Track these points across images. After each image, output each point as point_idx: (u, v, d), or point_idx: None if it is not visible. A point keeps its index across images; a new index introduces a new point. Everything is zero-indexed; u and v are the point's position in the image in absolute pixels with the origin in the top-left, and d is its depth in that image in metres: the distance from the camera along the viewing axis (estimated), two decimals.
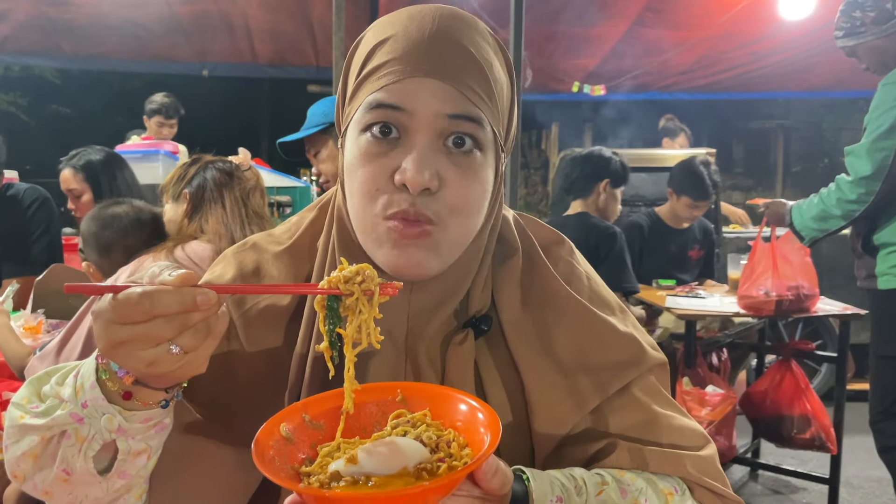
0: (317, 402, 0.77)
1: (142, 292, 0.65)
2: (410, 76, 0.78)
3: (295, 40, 5.89)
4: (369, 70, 0.82)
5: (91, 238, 2.19)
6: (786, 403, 3.23)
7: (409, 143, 0.80)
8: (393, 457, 0.68)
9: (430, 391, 0.78)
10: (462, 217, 0.82)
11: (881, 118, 2.59)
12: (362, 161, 0.81)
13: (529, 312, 0.90)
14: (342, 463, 0.68)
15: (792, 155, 10.34)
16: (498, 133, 0.84)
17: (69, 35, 5.57)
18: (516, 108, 0.91)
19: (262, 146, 10.34)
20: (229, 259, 0.97)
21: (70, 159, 2.98)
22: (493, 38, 0.87)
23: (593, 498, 0.80)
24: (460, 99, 0.79)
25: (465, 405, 0.75)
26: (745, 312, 3.21)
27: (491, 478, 0.69)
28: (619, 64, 6.01)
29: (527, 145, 9.59)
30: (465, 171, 0.81)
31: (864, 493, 3.60)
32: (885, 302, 2.70)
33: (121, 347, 0.66)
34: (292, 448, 0.73)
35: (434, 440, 0.72)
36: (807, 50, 5.70)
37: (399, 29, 0.81)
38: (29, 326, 2.40)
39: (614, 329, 0.91)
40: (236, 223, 2.10)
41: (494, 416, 0.71)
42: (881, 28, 2.70)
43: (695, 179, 3.77)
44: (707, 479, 0.88)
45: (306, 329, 0.87)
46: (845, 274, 3.43)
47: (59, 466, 0.76)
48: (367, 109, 0.80)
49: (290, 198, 3.53)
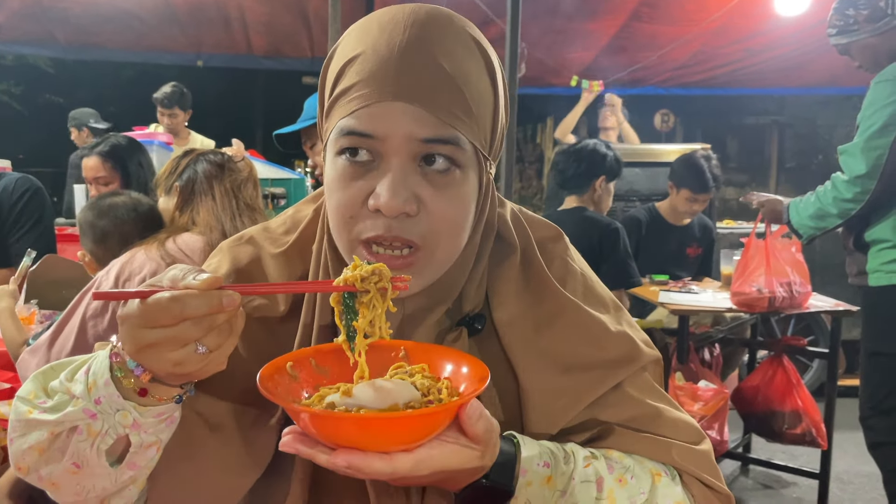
0: (325, 352, 0.82)
1: (171, 297, 0.66)
2: (378, 101, 0.76)
3: (290, 32, 5.88)
4: (340, 91, 0.80)
5: (87, 227, 2.19)
6: (777, 399, 3.25)
7: (384, 167, 0.79)
8: (385, 394, 0.72)
9: (429, 349, 0.82)
10: (447, 237, 0.82)
11: (874, 116, 2.58)
12: (338, 184, 0.81)
13: (523, 311, 0.90)
14: (338, 396, 0.73)
15: (786, 151, 10.36)
16: (479, 146, 0.82)
17: (64, 24, 5.55)
18: (502, 111, 0.88)
19: (256, 137, 10.32)
20: (225, 252, 0.97)
21: (95, 147, 2.96)
22: (473, 40, 0.83)
23: (580, 469, 0.82)
24: (433, 121, 0.77)
25: (457, 361, 0.80)
26: (737, 308, 3.22)
27: (475, 421, 0.71)
28: (615, 58, 6.02)
29: (522, 139, 9.58)
30: (445, 191, 0.80)
31: (853, 489, 3.63)
32: (876, 299, 2.72)
33: (149, 350, 0.68)
34: (295, 385, 0.78)
35: (426, 386, 0.76)
36: (801, 46, 5.70)
37: (368, 44, 0.79)
38: (22, 317, 2.40)
39: (608, 328, 0.92)
40: (226, 215, 2.10)
41: (484, 369, 0.75)
42: (874, 26, 2.70)
43: (695, 172, 3.77)
44: (694, 468, 0.89)
45: (305, 330, 0.88)
46: (837, 271, 3.44)
47: (69, 460, 0.78)
48: (340, 135, 0.79)
49: (285, 189, 3.54)
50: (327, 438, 0.69)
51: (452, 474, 0.74)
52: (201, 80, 7.33)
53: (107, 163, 2.92)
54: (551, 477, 0.80)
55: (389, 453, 0.68)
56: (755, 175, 10.23)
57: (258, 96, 10.96)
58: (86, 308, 1.88)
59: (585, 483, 0.82)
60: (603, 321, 0.92)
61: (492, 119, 0.84)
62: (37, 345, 1.91)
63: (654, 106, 7.01)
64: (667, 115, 7.83)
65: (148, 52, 6.27)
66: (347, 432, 0.68)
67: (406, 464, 0.69)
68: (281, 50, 6.26)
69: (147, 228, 2.19)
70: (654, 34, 5.72)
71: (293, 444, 0.70)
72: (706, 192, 3.78)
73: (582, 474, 0.82)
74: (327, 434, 0.69)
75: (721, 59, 6.30)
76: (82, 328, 1.86)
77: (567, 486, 0.81)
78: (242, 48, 6.16)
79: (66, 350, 1.85)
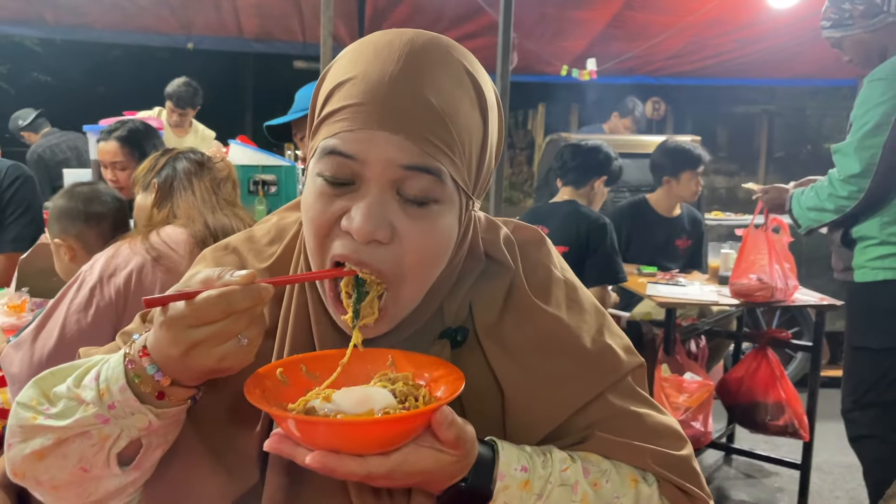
0: (315, 358, 0.85)
1: (219, 293, 0.71)
2: (363, 127, 0.77)
3: (281, 15, 5.83)
4: (327, 112, 0.80)
5: (75, 211, 2.20)
6: (761, 391, 3.29)
7: (362, 191, 0.79)
8: (363, 400, 0.76)
9: (414, 358, 0.85)
10: (419, 271, 0.82)
11: (867, 115, 2.58)
12: (315, 202, 0.81)
13: (506, 324, 0.91)
14: (318, 401, 0.77)
15: (775, 141, 10.39)
16: (461, 182, 0.82)
17: (52, 5, 5.49)
18: (493, 148, 0.87)
19: (246, 121, 10.26)
20: (209, 261, 0.99)
21: (112, 132, 2.96)
22: (468, 74, 0.82)
23: (558, 473, 0.84)
24: (416, 151, 0.77)
25: (438, 369, 0.84)
26: (723, 302, 3.26)
27: (446, 428, 0.74)
28: (607, 47, 6.01)
29: (513, 126, 9.58)
30: (420, 222, 0.80)
31: (833, 479, 3.69)
32: (861, 295, 2.74)
33: (197, 348, 0.73)
34: (284, 390, 0.81)
35: (405, 394, 0.79)
36: (792, 38, 5.72)
37: (361, 69, 0.79)
38: (13, 305, 2.40)
39: (588, 341, 0.93)
40: (207, 208, 2.10)
41: (459, 375, 0.80)
42: (869, 22, 2.70)
43: (681, 152, 3.89)
44: (668, 474, 0.91)
45: (280, 344, 0.91)
46: (822, 264, 3.48)
47: (76, 464, 0.80)
48: (323, 154, 0.80)
49: (276, 176, 3.51)
50: (307, 441, 0.73)
51: (431, 476, 0.77)
52: (191, 63, 7.26)
53: (124, 147, 2.94)
54: (528, 481, 0.82)
55: (363, 455, 0.72)
56: (744, 164, 10.27)
57: (248, 80, 10.87)
58: (70, 302, 1.87)
59: (562, 487, 0.84)
60: (583, 333, 0.93)
61: (478, 155, 0.84)
62: (21, 339, 1.89)
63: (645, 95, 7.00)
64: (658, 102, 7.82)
65: (137, 34, 6.21)
66: (323, 435, 0.72)
67: (381, 466, 0.73)
68: (272, 33, 6.21)
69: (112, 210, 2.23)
70: (647, 23, 5.72)
71: (276, 445, 0.74)
72: (702, 163, 3.86)
73: (559, 478, 0.84)
74: (306, 437, 0.72)
75: (712, 50, 6.31)
76: (66, 322, 1.84)
77: (543, 490, 0.83)
78: (233, 31, 6.12)
79: (50, 344, 1.83)
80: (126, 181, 2.93)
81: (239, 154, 3.31)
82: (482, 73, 0.85)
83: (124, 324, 1.89)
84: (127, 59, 9.96)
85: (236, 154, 3.22)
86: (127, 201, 2.36)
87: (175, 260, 1.94)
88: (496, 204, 3.05)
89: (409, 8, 5.70)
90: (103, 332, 1.87)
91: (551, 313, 0.93)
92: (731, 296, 3.27)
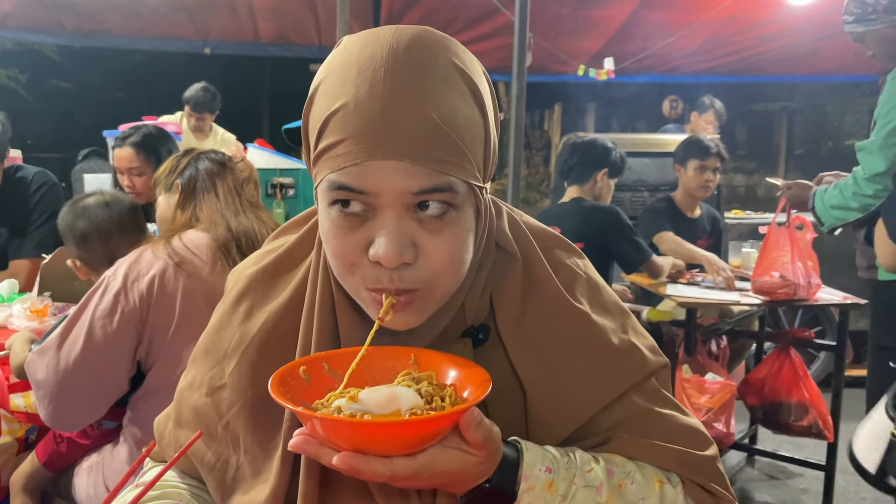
0: (338, 356, 0.84)
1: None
2: (367, 159, 0.75)
3: (297, 19, 5.86)
4: (326, 145, 0.78)
5: (67, 231, 2.17)
6: (784, 391, 3.26)
7: (379, 219, 0.78)
8: (389, 400, 0.75)
9: (438, 357, 0.84)
10: (447, 276, 0.81)
11: (891, 113, 2.54)
12: (335, 234, 0.80)
13: (528, 322, 0.90)
14: (344, 400, 0.75)
15: (795, 138, 10.31)
16: (473, 181, 0.81)
17: (71, 12, 5.53)
18: (493, 131, 0.84)
19: (263, 125, 10.32)
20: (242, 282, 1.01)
21: (127, 137, 2.98)
22: (457, 68, 0.79)
23: (582, 474, 0.83)
24: (425, 172, 0.75)
25: (462, 369, 0.82)
26: (744, 302, 3.23)
27: (474, 429, 0.73)
28: (624, 46, 5.98)
29: (529, 126, 9.56)
30: (441, 234, 0.79)
31: (859, 480, 3.58)
32: (886, 293, 2.71)
33: None
34: (307, 388, 0.81)
35: (430, 394, 0.78)
36: (812, 34, 5.66)
37: (350, 94, 0.75)
38: (35, 309, 2.42)
39: (613, 339, 0.92)
40: (230, 211, 2.09)
41: (486, 376, 0.79)
42: (893, 17, 2.65)
43: (691, 142, 3.86)
44: (693, 475, 0.91)
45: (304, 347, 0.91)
46: (845, 263, 3.44)
47: None
48: (330, 188, 0.78)
49: (294, 179, 3.53)
50: (331, 441, 0.72)
51: (456, 478, 0.76)
52: (209, 68, 7.31)
53: (140, 153, 2.96)
54: (553, 482, 0.81)
55: (390, 456, 0.72)
56: (764, 162, 10.19)
57: (265, 84, 10.93)
58: (94, 308, 1.87)
59: (587, 488, 0.84)
60: (608, 331, 0.92)
61: (483, 148, 0.82)
62: (45, 345, 1.89)
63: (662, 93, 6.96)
64: (675, 101, 7.78)
65: (155, 40, 6.25)
66: (350, 436, 0.71)
67: (407, 467, 0.72)
68: (288, 37, 6.24)
69: (125, 223, 2.19)
70: (663, 22, 5.68)
71: (301, 445, 0.74)
72: (710, 154, 3.76)
73: (583, 479, 0.83)
74: (331, 437, 0.72)
75: (731, 48, 6.25)
76: (91, 328, 1.84)
77: (568, 491, 0.82)
78: (250, 35, 6.14)
79: (76, 350, 1.83)
80: (143, 187, 2.96)
81: (256, 157, 3.34)
82: (470, 61, 0.83)
83: (147, 329, 1.91)
84: (145, 65, 10.06)
85: (254, 158, 3.24)
86: (142, 206, 2.36)
87: (197, 265, 1.94)
88: (513, 205, 3.04)
89: (425, 9, 5.70)
90: (128, 337, 1.88)
91: (580, 309, 0.92)
92: (752, 292, 3.24)
